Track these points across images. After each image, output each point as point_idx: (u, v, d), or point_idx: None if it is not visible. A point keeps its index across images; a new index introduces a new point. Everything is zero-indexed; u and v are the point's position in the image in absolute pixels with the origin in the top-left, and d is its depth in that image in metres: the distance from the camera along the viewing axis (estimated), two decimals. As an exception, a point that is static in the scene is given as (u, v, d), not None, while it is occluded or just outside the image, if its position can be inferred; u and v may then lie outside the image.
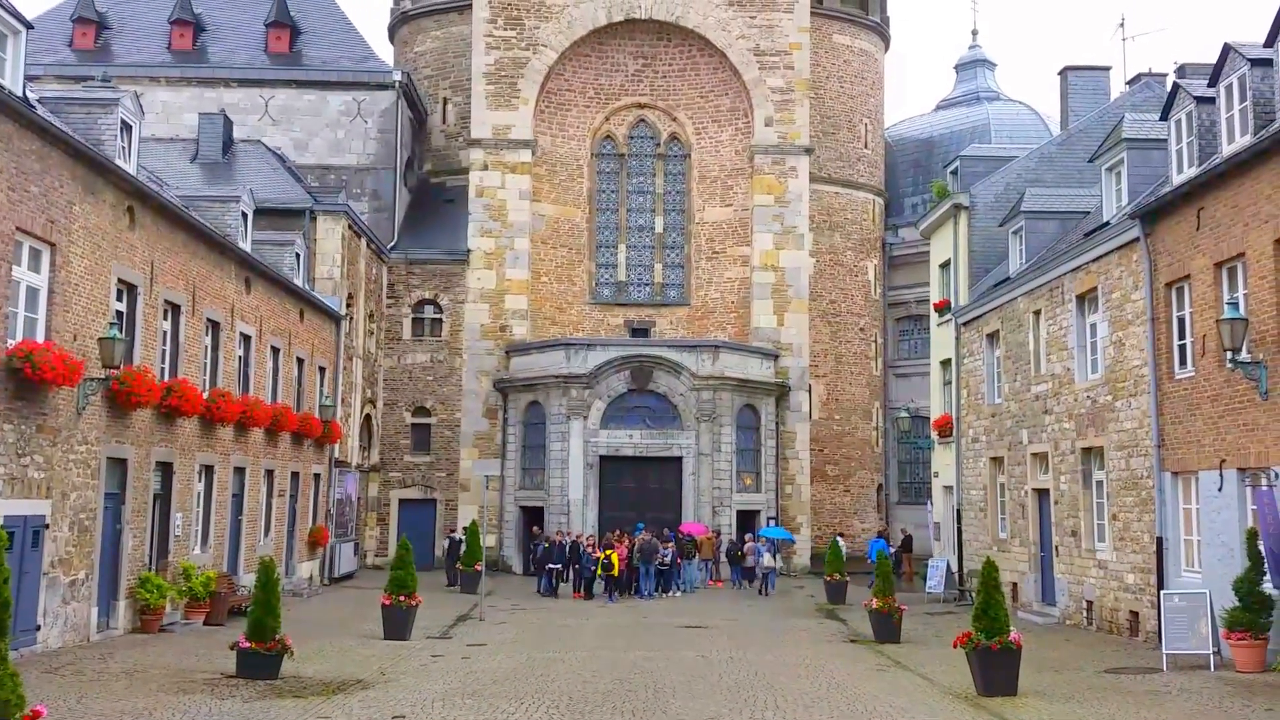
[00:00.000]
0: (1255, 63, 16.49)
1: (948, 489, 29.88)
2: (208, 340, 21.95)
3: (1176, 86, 18.80)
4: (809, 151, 36.93)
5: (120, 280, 18.13)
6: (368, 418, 34.35)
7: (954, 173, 30.73)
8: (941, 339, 30.46)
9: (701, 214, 37.77)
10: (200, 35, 38.01)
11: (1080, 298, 21.73)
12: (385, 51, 41.71)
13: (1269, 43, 16.21)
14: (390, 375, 35.85)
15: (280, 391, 25.98)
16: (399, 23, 42.14)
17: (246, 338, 23.90)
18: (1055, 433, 22.67)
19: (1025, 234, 25.28)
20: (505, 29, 36.75)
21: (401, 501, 35.49)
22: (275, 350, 25.75)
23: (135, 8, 38.51)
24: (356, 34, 38.87)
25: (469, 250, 35.93)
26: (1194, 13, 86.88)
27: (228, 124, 33.41)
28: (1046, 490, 23.23)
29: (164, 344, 20.05)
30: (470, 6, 37.50)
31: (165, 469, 19.97)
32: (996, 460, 26.22)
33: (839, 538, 29.95)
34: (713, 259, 37.52)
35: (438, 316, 36.24)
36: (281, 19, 37.86)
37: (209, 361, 22.06)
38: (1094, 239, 21.18)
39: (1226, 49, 17.05)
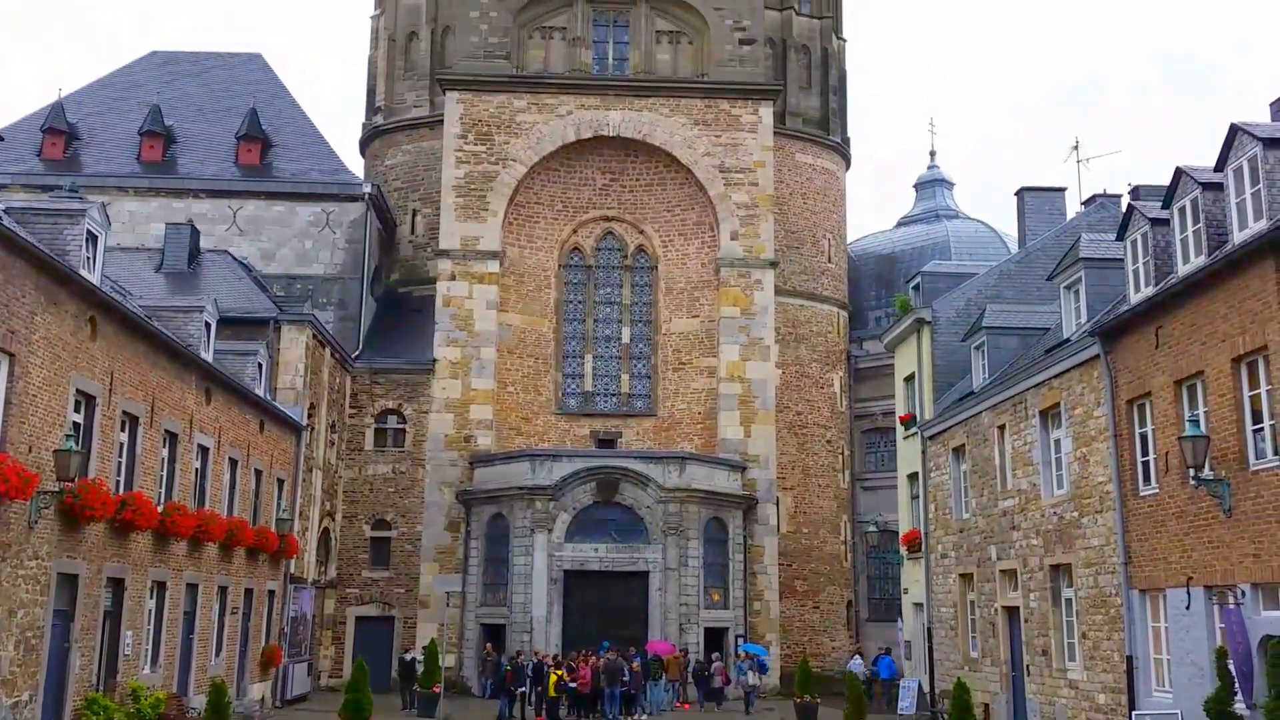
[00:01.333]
0: (1207, 186, 17.00)
1: (918, 606, 29.55)
2: (165, 452, 21.54)
3: (1131, 208, 19.34)
4: (774, 265, 37.49)
5: (79, 391, 17.85)
6: (326, 531, 33.65)
7: (916, 288, 31.25)
8: (908, 452, 30.52)
9: (668, 325, 38.03)
10: (171, 147, 38.32)
11: (1044, 413, 21.90)
12: (357, 164, 42.24)
13: (1219, 167, 16.73)
14: (351, 487, 35.28)
15: (237, 504, 25.44)
16: (371, 137, 42.76)
17: (205, 449, 23.49)
18: (1023, 549, 22.58)
19: (987, 349, 25.61)
20: (475, 144, 37.39)
21: (359, 619, 34.54)
22: (234, 462, 25.30)
23: (106, 119, 38.85)
24: (328, 147, 39.37)
25: (434, 360, 35.84)
26: (1145, 135, 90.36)
27: (194, 234, 33.46)
28: (1016, 608, 23.01)
29: (120, 456, 19.64)
30: (441, 122, 38.19)
31: (117, 585, 19.36)
32: (966, 577, 26.02)
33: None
34: (679, 370, 37.65)
35: (401, 427, 35.91)
36: (253, 132, 38.30)
37: (165, 473, 21.62)
38: (1055, 355, 21.46)
39: (1179, 173, 17.59)
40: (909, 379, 30.47)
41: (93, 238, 19.29)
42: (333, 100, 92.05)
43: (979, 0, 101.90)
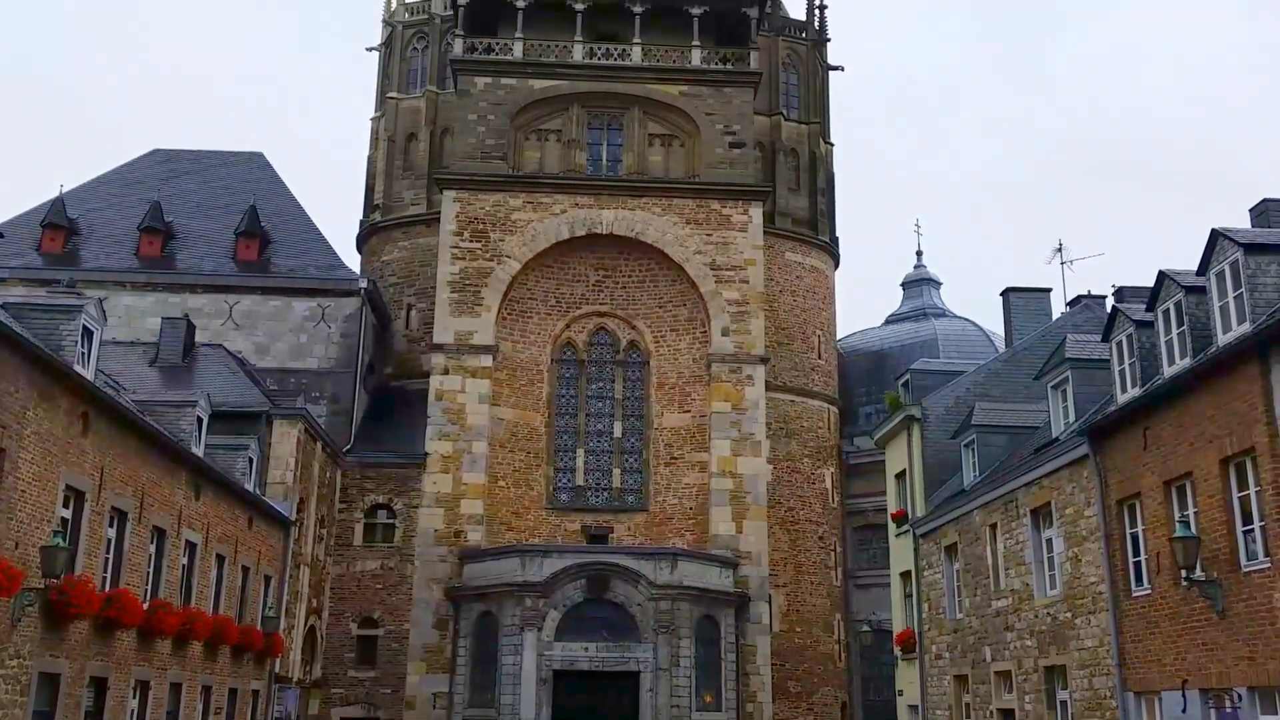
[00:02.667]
0: (1190, 289, 17.30)
1: (913, 709, 29.07)
2: (152, 548, 21.37)
3: (1116, 310, 19.64)
4: (765, 361, 37.76)
5: (69, 487, 17.80)
6: (312, 629, 33.15)
7: (905, 385, 31.48)
8: (900, 550, 30.37)
9: (660, 420, 38.09)
10: (170, 243, 38.79)
11: (1034, 512, 21.90)
12: (354, 260, 42.78)
13: (1201, 271, 17.04)
14: (338, 583, 34.87)
15: (223, 601, 25.13)
16: (368, 234, 43.37)
17: (192, 545, 23.30)
18: (1018, 650, 22.34)
19: (977, 447, 25.70)
20: (471, 241, 37.91)
21: (343, 720, 33.84)
22: (221, 558, 25.07)
23: (106, 215, 39.39)
24: (325, 243, 39.89)
25: (426, 454, 35.76)
26: (1128, 237, 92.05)
27: (190, 328, 33.68)
28: (1012, 711, 22.68)
29: (107, 552, 19.50)
30: (438, 220, 38.78)
31: (99, 685, 19.03)
32: (961, 679, 25.67)
33: None
34: (671, 465, 37.59)
35: (390, 522, 35.65)
36: (252, 229, 38.84)
37: (152, 570, 21.42)
38: (1044, 455, 21.56)
39: (1162, 276, 17.91)
40: (900, 475, 30.47)
41: (88, 333, 19.45)
42: (332, 198, 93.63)
43: (960, 107, 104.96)
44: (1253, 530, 15.14)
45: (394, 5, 45.69)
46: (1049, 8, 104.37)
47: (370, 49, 45.92)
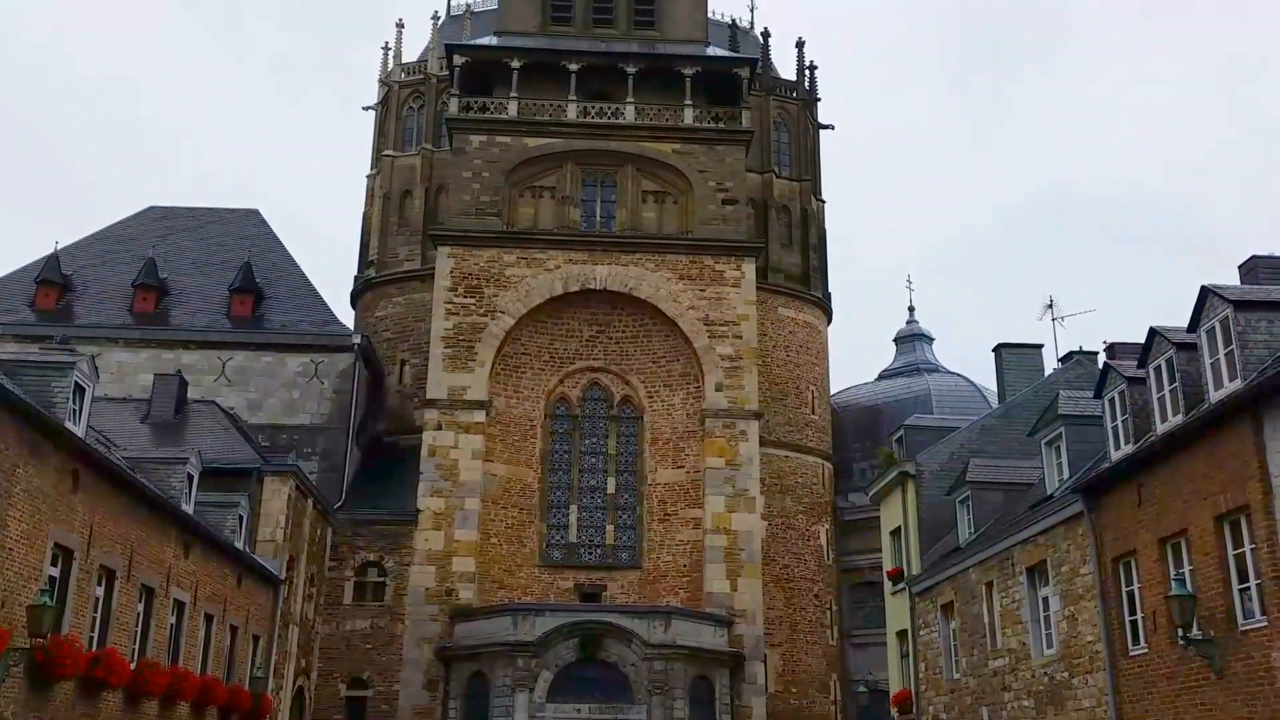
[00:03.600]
0: (1181, 346, 17.37)
1: (910, 769, 28.65)
2: (140, 607, 21.11)
3: (1108, 367, 19.70)
4: (758, 416, 37.72)
5: (57, 544, 17.62)
6: (300, 690, 32.66)
7: (899, 441, 31.46)
8: (897, 608, 30.12)
9: (654, 475, 37.93)
10: (164, 299, 38.87)
11: (1030, 570, 21.77)
12: (348, 316, 42.83)
13: (1192, 327, 17.12)
14: (327, 643, 34.43)
15: (211, 661, 24.78)
16: (362, 289, 43.51)
17: (181, 604, 23.03)
18: (1015, 710, 22.08)
19: (972, 503, 25.62)
20: (465, 296, 38.03)
21: (331, 783, 33.23)
22: (209, 617, 24.76)
23: (100, 271, 39.51)
24: (319, 299, 39.97)
25: (418, 510, 35.54)
26: (1117, 293, 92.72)
27: (182, 384, 33.59)
28: (1010, 772, 22.36)
29: (95, 611, 19.26)
30: (432, 275, 38.93)
31: (81, 749, 18.66)
32: (958, 738, 25.35)
33: None
34: (665, 521, 37.36)
35: (381, 580, 35.30)
36: (247, 285, 38.95)
37: (140, 629, 21.13)
38: (1039, 512, 21.49)
39: (1153, 333, 18.01)
40: (895, 532, 30.33)
41: (80, 390, 19.39)
42: (327, 255, 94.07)
43: (945, 166, 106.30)
44: (1249, 588, 15.07)
45: (390, 66, 46.29)
46: (1018, 74, 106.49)
47: (367, 108, 46.50)
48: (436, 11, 47.76)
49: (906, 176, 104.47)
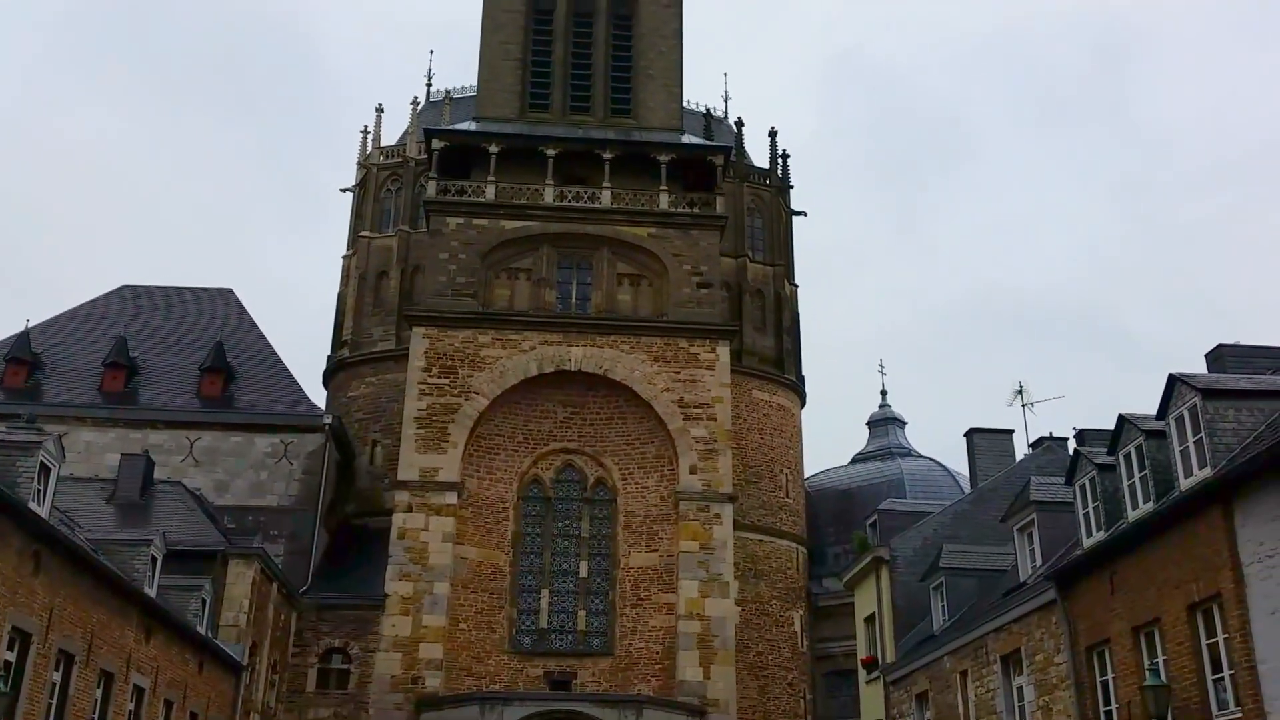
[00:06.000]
0: (1150, 434, 17.55)
1: None
2: (99, 693, 20.57)
3: (1078, 454, 19.84)
4: (733, 499, 37.54)
5: (15, 628, 17.22)
6: (261, 782, 31.68)
7: (873, 526, 31.42)
8: (872, 697, 29.75)
9: (627, 559, 37.51)
10: (134, 378, 38.52)
11: (1005, 659, 21.62)
12: (320, 396, 42.56)
13: (1160, 415, 17.32)
14: (290, 733, 33.48)
15: (170, 751, 24.05)
16: (335, 369, 43.33)
17: (140, 690, 22.44)
18: (992, 802, 21.72)
19: (946, 590, 25.52)
20: (439, 377, 37.92)
21: None
22: (169, 704, 24.12)
23: (71, 350, 39.18)
24: (291, 379, 39.73)
25: (386, 594, 34.92)
26: (1087, 379, 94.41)
27: (149, 465, 33.14)
28: None
29: (51, 697, 18.73)
30: (406, 356, 38.85)
31: (28, 845, 17.96)
32: (935, 833, 24.87)
33: None
34: (637, 606, 36.84)
35: (346, 667, 34.48)
36: (218, 364, 38.70)
37: (97, 716, 20.54)
38: (1012, 599, 21.42)
39: (1122, 420, 18.19)
40: (870, 619, 30.10)
41: (46, 470, 19.14)
42: (301, 334, 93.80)
43: (918, 254, 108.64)
44: (1222, 678, 15.02)
45: (369, 149, 46.80)
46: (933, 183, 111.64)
47: (345, 190, 46.81)
48: (416, 97, 48.52)
49: (870, 265, 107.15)
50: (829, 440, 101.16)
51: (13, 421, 22.28)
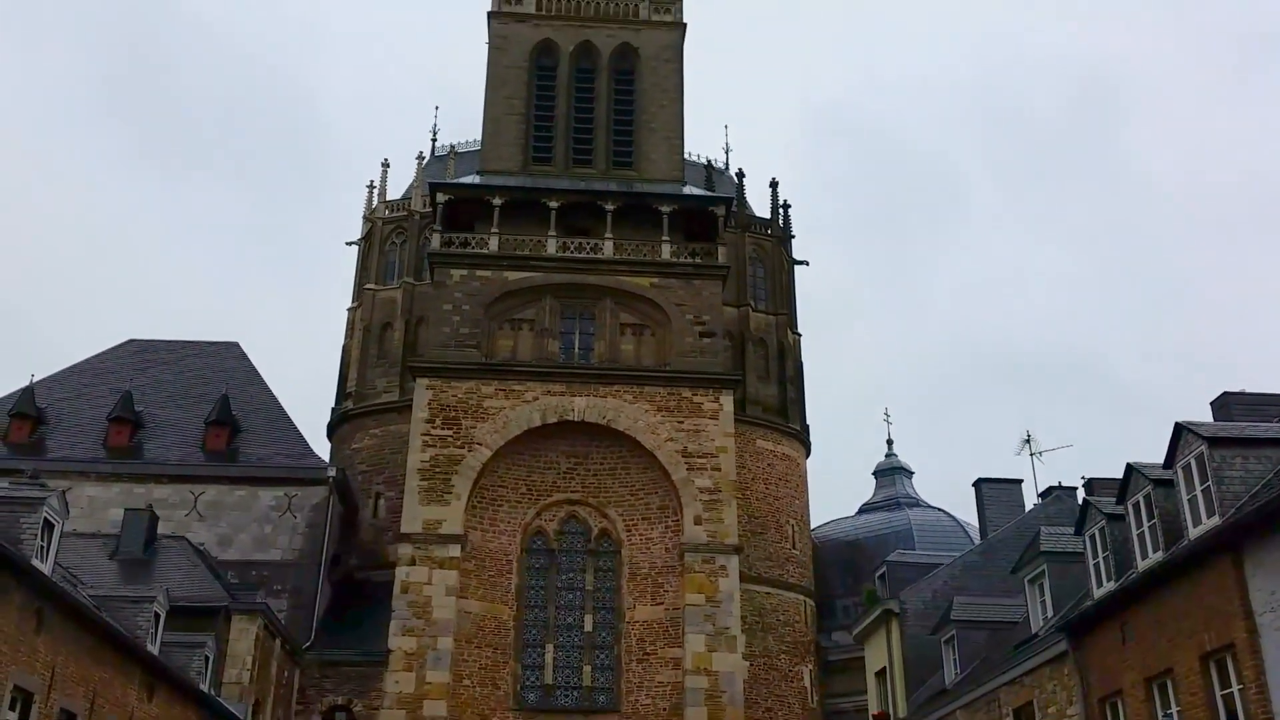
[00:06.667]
0: (1158, 483, 17.46)
1: None
2: (99, 755, 20.25)
3: (1087, 504, 19.73)
4: (738, 550, 37.24)
5: (17, 687, 17.05)
6: (263, 841, 31.16)
7: (882, 578, 31.16)
8: (882, 752, 29.31)
9: (632, 613, 37.11)
10: (138, 432, 38.51)
11: (1017, 712, 21.33)
12: (324, 448, 42.51)
13: (1168, 464, 17.26)
14: (293, 791, 33.00)
15: (170, 812, 23.67)
16: (340, 421, 43.30)
17: (141, 751, 22.12)
18: None
19: (957, 642, 25.25)
20: (442, 428, 37.85)
21: None
22: (171, 764, 23.77)
23: (76, 404, 39.20)
24: (295, 432, 39.68)
25: (389, 650, 34.56)
26: (1085, 428, 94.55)
27: (153, 520, 33.02)
28: None
29: (50, 759, 18.44)
30: (410, 407, 38.83)
31: None
32: None
33: None
34: (644, 661, 36.40)
35: (348, 726, 34.05)
36: (223, 418, 38.68)
37: (97, 778, 20.22)
38: (1024, 651, 21.18)
39: (1130, 469, 18.11)
40: (881, 673, 29.75)
41: (49, 526, 19.06)
42: (306, 386, 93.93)
43: (910, 305, 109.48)
44: (1240, 731, 14.79)
45: (375, 203, 47.20)
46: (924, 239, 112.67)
47: (350, 243, 47.17)
48: (421, 152, 49.02)
49: (864, 316, 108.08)
50: (835, 490, 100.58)
51: (16, 477, 22.22)
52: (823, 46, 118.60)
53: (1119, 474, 18.48)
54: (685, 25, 46.24)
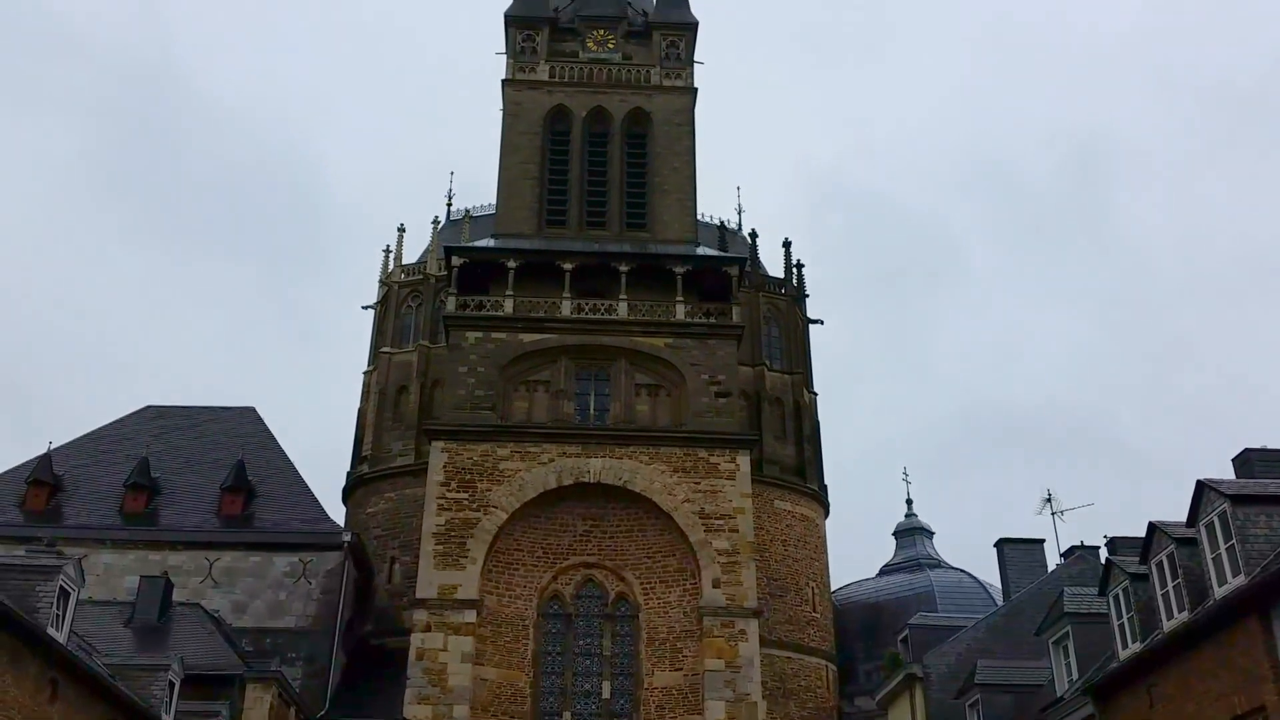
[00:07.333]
0: (1181, 541, 17.23)
1: None
2: (110, 828, 19.99)
3: (1110, 564, 19.47)
4: (758, 614, 36.72)
5: (27, 761, 16.85)
6: None
7: (905, 641, 30.72)
8: (907, 821, 28.67)
9: (650, 679, 36.51)
10: (155, 499, 38.57)
11: (1046, 778, 20.86)
12: (339, 512, 42.44)
13: (1190, 522, 17.05)
14: None
15: None
16: (355, 485, 43.24)
17: (154, 824, 21.82)
18: None
19: (982, 707, 24.80)
20: (458, 491, 37.69)
21: None
22: (184, 837, 23.44)
23: (93, 471, 39.35)
24: (311, 496, 39.66)
25: (404, 719, 34.10)
26: (1108, 487, 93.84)
27: (168, 587, 32.93)
28: None
29: (60, 834, 18.19)
30: (425, 470, 38.74)
31: None
32: None
33: None
34: (663, 729, 35.76)
35: (363, 800, 33.51)
36: (239, 483, 38.72)
37: None
38: (1050, 715, 20.80)
39: (1152, 528, 17.89)
40: (904, 739, 29.21)
41: (65, 594, 19.04)
42: (323, 449, 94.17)
43: (914, 368, 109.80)
44: (1275, 798, 14.40)
45: (391, 267, 47.62)
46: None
47: (366, 307, 47.52)
48: (437, 217, 49.52)
49: (871, 377, 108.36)
50: (854, 551, 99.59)
51: (33, 545, 22.26)
52: (817, 113, 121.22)
53: (1138, 532, 18.27)
54: (696, 90, 46.87)
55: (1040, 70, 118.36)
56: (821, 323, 47.55)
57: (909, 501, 48.66)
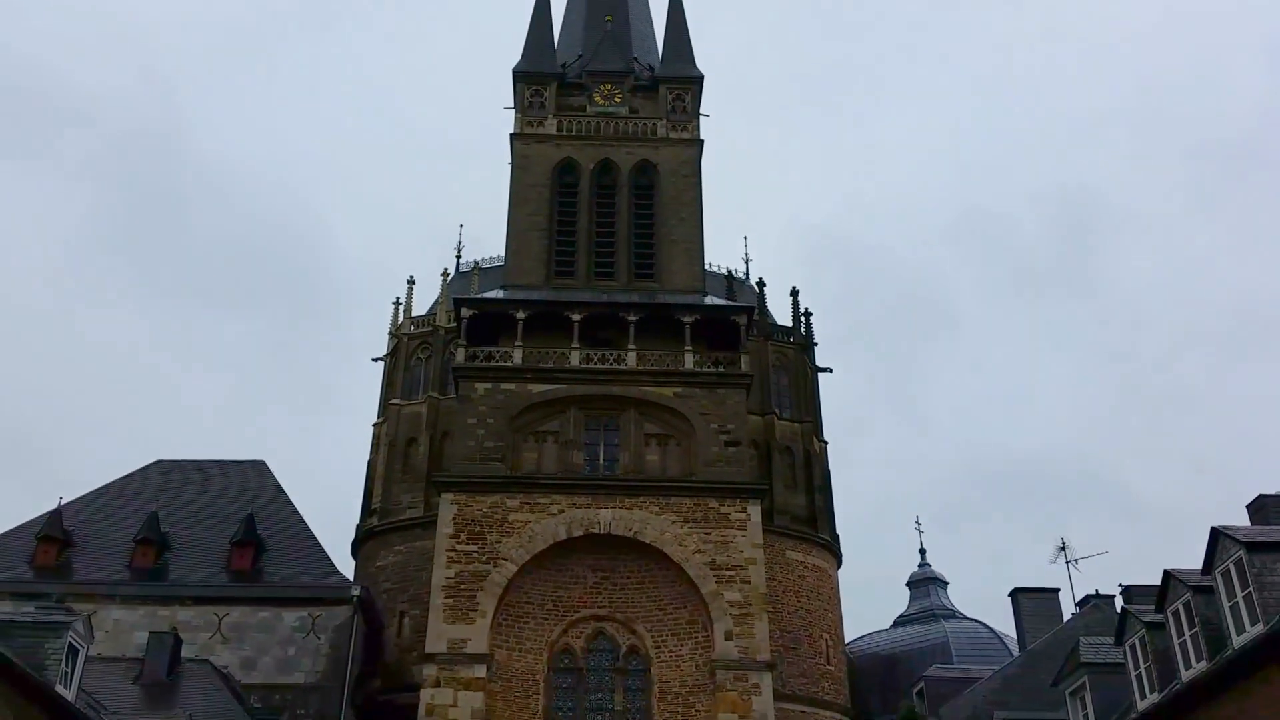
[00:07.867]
0: (1197, 589, 17.04)
1: None
2: None
3: (1125, 612, 19.25)
4: (771, 667, 36.23)
5: (31, 822, 16.65)
6: None
7: (920, 693, 30.32)
8: None
9: (664, 739, 35.96)
10: (164, 553, 38.45)
11: (1066, 833, 20.46)
12: (348, 565, 42.20)
13: (1206, 569, 16.87)
14: None
15: None
16: (364, 538, 43.07)
17: None
18: None
19: (999, 759, 24.38)
20: (467, 543, 37.48)
21: None
22: None
23: (102, 526, 39.29)
24: (320, 550, 39.50)
25: (414, 782, 33.66)
26: (1116, 535, 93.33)
27: (177, 643, 32.72)
28: None
29: None
30: (435, 523, 38.58)
31: None
32: None
33: None
34: (679, 794, 35.14)
35: None
36: (248, 537, 38.61)
37: None
38: (1070, 767, 20.42)
39: (1168, 576, 17.70)
40: (921, 794, 28.70)
41: (73, 651, 18.96)
42: (333, 502, 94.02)
43: (923, 413, 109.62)
44: None
45: (400, 319, 47.85)
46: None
47: (376, 359, 47.63)
48: (446, 269, 49.81)
49: (875, 428, 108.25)
50: (868, 601, 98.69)
51: (42, 601, 22.20)
52: (812, 169, 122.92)
53: (1149, 580, 18.08)
54: (702, 141, 47.27)
55: (1031, 126, 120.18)
56: (830, 371, 47.56)
57: (922, 551, 48.29)
